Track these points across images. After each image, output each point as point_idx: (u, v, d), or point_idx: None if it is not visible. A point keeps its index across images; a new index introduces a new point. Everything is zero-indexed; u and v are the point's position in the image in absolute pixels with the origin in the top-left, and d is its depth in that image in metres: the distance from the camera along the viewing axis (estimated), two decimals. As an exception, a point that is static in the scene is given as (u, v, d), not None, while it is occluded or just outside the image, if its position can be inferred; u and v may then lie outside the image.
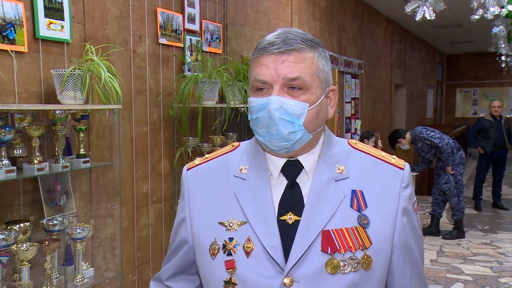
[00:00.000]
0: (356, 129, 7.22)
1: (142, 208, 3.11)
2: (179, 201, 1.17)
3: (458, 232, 5.88)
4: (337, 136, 1.18)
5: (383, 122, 8.79)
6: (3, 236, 1.98)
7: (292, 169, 1.06)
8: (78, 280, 2.37)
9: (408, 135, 5.88)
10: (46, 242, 2.15)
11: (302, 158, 1.07)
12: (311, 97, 1.02)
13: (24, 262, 2.06)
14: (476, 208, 7.36)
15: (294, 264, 0.98)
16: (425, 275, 1.15)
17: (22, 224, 2.14)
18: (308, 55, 1.02)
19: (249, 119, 1.06)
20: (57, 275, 2.30)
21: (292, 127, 1.00)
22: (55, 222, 2.29)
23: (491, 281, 4.45)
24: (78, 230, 2.35)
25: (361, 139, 5.85)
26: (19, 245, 2.04)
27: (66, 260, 2.41)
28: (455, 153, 5.65)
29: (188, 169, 1.16)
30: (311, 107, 1.02)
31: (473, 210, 7.32)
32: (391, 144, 6.05)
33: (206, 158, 1.17)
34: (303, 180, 1.06)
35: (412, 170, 6.11)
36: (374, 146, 5.13)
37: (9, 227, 2.09)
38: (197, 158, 1.18)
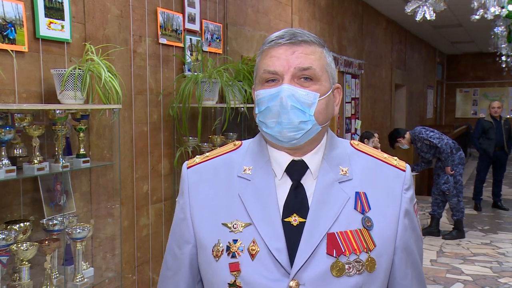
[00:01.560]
0: (356, 129, 7.22)
1: (142, 208, 3.11)
2: (177, 199, 1.14)
3: (458, 232, 5.88)
4: (337, 136, 1.17)
5: (383, 122, 8.79)
6: (3, 236, 1.98)
7: (296, 169, 1.05)
8: (78, 280, 2.37)
9: (407, 135, 5.88)
10: (46, 242, 2.15)
11: (307, 159, 1.06)
12: (321, 88, 1.02)
13: (24, 262, 2.06)
14: (476, 208, 7.36)
15: (300, 267, 0.97)
16: (424, 276, 1.15)
17: (22, 224, 2.14)
18: (317, 49, 1.04)
19: (256, 112, 1.05)
20: (57, 275, 2.30)
21: (303, 116, 1.00)
22: (55, 222, 2.29)
23: (491, 281, 4.45)
24: (78, 230, 2.35)
25: (361, 139, 5.85)
26: (19, 245, 2.04)
27: (66, 260, 2.41)
28: (455, 153, 5.65)
29: (188, 167, 1.13)
30: (321, 98, 1.02)
31: (473, 210, 7.33)
32: (390, 143, 6.05)
33: (207, 156, 1.15)
34: (308, 182, 1.05)
35: (412, 170, 6.07)
36: (373, 146, 5.14)
37: (9, 226, 2.09)
38: (198, 156, 1.16)
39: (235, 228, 1.02)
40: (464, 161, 5.85)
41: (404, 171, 1.09)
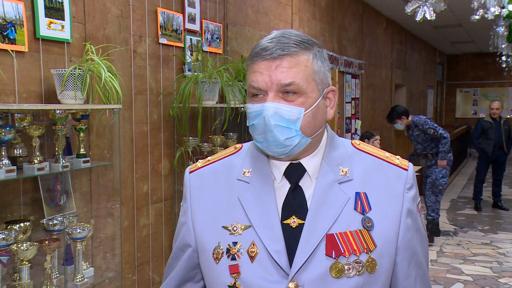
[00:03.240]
0: (356, 129, 7.22)
1: (142, 208, 3.11)
2: (181, 204, 1.16)
3: (429, 234, 5.55)
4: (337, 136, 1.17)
5: (383, 122, 8.78)
6: (3, 236, 1.98)
7: (294, 172, 1.06)
8: (78, 280, 2.37)
9: (410, 118, 5.65)
10: (46, 242, 2.15)
11: (304, 161, 1.06)
12: (307, 100, 1.00)
13: (24, 262, 2.06)
14: (476, 208, 7.36)
15: (299, 269, 0.97)
16: (429, 277, 1.14)
17: (22, 224, 2.14)
18: (301, 58, 1.00)
19: (247, 125, 1.05)
20: (57, 275, 2.30)
21: (289, 132, 1.00)
22: (55, 221, 2.29)
23: (491, 281, 4.45)
24: (78, 230, 2.35)
25: (361, 139, 5.84)
26: (19, 245, 2.04)
27: (66, 260, 2.42)
28: (447, 152, 5.61)
29: (190, 172, 1.15)
30: (307, 111, 1.01)
31: (473, 210, 7.32)
32: (391, 117, 5.74)
33: (209, 160, 1.16)
34: (306, 183, 1.05)
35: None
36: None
37: (9, 226, 2.09)
38: (200, 161, 1.17)
39: (234, 231, 1.03)
40: (451, 163, 5.78)
41: (406, 170, 1.08)
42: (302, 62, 1.00)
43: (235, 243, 1.01)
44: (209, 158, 1.17)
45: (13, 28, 2.21)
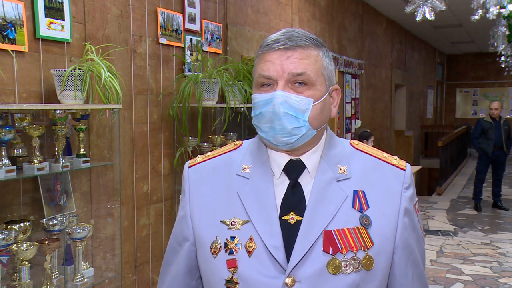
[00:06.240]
0: (356, 129, 7.22)
1: (142, 208, 3.11)
2: (180, 198, 1.16)
3: None
4: (337, 136, 1.18)
5: (383, 122, 8.79)
6: (3, 236, 1.98)
7: (294, 169, 1.06)
8: (78, 280, 2.37)
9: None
10: (46, 242, 2.15)
11: (304, 158, 1.07)
12: (315, 93, 1.02)
13: (24, 262, 2.06)
14: (476, 208, 7.36)
15: (296, 264, 0.98)
16: (425, 276, 1.15)
17: (22, 224, 2.14)
18: (312, 52, 1.03)
19: (252, 115, 1.06)
20: (57, 275, 2.30)
21: (296, 122, 1.01)
22: (55, 221, 2.29)
23: (491, 281, 4.45)
24: (78, 230, 2.35)
25: (360, 140, 5.83)
26: (19, 245, 2.04)
27: (66, 260, 2.42)
28: None
29: (189, 166, 1.16)
30: (315, 103, 1.02)
31: (473, 210, 7.32)
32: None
33: (208, 156, 1.17)
34: (305, 180, 1.06)
35: None
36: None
37: (9, 226, 2.09)
38: (199, 156, 1.18)
39: (233, 225, 1.03)
40: None
41: (404, 170, 1.09)
42: (312, 56, 1.03)
43: (233, 238, 1.02)
44: (208, 153, 1.18)
45: (13, 28, 2.21)
